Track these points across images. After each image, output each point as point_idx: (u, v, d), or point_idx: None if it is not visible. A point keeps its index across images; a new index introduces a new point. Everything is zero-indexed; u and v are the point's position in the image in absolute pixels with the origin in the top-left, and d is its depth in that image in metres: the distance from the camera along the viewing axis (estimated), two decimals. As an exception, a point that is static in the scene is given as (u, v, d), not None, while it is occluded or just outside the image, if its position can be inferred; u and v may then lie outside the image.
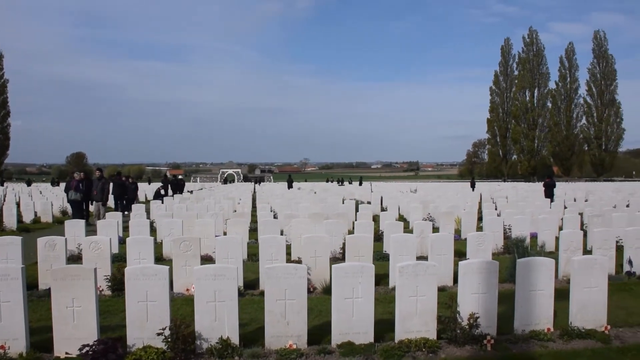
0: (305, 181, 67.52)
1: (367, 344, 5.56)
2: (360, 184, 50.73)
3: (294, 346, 5.45)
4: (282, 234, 12.17)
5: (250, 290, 8.30)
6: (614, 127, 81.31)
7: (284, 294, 5.54)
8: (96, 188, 17.54)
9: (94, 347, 4.96)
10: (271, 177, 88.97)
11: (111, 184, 20.54)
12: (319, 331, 6.09)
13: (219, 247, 8.33)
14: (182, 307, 7.25)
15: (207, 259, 10.06)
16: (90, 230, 12.25)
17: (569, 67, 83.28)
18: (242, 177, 77.33)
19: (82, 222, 11.52)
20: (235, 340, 5.49)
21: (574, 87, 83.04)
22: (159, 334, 5.25)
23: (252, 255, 10.54)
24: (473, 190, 37.05)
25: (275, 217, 15.53)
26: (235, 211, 18.31)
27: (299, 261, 8.37)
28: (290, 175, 49.64)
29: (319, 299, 7.57)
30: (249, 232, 13.82)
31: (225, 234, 12.34)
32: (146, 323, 5.38)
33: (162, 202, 20.05)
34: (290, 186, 41.32)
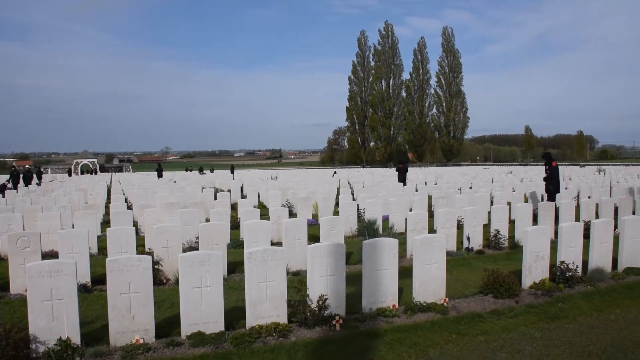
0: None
1: (217, 332, 5.49)
2: (232, 171, 49.45)
3: (141, 341, 5.24)
4: (136, 225, 11.69)
5: (100, 286, 7.85)
6: (461, 116, 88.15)
7: (128, 287, 5.29)
8: None
9: None
10: (130, 167, 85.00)
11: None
12: (170, 324, 5.94)
13: (62, 242, 7.79)
14: (20, 309, 6.72)
15: (52, 255, 9.44)
16: None
17: (421, 60, 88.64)
18: (97, 168, 72.91)
19: None
20: (76, 340, 5.14)
21: (426, 79, 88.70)
22: (-16, 342, 4.78)
23: (103, 249, 10.01)
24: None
25: (130, 207, 14.88)
26: (87, 203, 17.28)
27: (150, 253, 8.09)
28: (159, 163, 47.75)
29: (172, 290, 7.36)
30: (101, 225, 13.16)
31: (74, 227, 11.57)
32: (-30, 330, 4.87)
33: (4, 196, 18.41)
34: (160, 175, 39.95)
